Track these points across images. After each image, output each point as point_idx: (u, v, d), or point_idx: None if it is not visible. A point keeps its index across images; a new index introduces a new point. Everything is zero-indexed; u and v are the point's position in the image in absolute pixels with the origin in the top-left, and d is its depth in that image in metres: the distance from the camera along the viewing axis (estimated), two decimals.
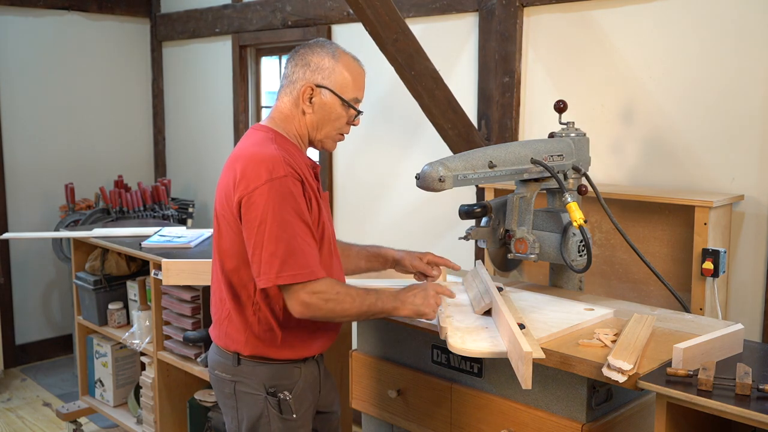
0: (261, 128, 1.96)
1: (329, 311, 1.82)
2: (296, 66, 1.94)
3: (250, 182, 1.79)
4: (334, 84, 1.92)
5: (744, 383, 1.52)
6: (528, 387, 1.63)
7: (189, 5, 4.97)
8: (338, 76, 1.92)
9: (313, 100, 1.92)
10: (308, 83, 1.91)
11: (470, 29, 3.31)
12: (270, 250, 1.76)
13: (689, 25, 2.65)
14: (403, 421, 2.24)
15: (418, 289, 1.93)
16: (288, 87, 1.96)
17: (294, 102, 1.94)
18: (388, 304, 1.88)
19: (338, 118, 1.95)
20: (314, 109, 1.93)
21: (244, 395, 1.96)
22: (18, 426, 3.99)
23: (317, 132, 1.96)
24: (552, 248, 2.26)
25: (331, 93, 1.92)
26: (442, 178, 1.98)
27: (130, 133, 5.32)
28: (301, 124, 1.95)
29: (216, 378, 2.03)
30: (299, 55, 1.95)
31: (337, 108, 1.94)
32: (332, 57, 1.93)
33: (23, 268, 4.86)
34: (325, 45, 1.96)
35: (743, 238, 2.57)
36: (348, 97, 1.94)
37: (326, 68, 1.92)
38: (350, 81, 1.94)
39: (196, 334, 3.00)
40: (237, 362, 1.96)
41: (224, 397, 2.02)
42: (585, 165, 2.35)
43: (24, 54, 4.78)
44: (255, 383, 1.95)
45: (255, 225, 1.78)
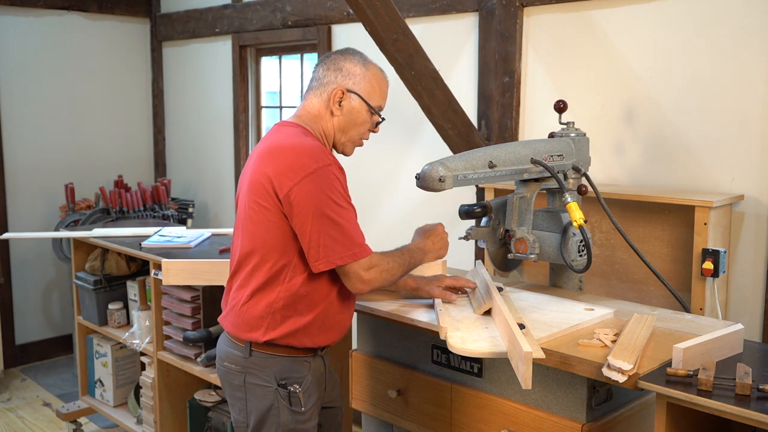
0: (290, 124, 2.03)
1: (384, 281, 1.97)
2: (328, 70, 2.04)
3: (298, 172, 1.87)
4: (362, 90, 2.03)
5: (744, 383, 1.52)
6: (528, 387, 1.63)
7: (189, 5, 4.97)
8: (367, 84, 2.03)
9: (343, 104, 2.02)
10: (340, 87, 2.02)
11: (470, 29, 3.31)
12: (329, 233, 1.87)
13: (689, 25, 2.65)
14: (403, 421, 2.24)
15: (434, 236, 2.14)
16: (318, 89, 2.05)
17: (324, 103, 2.04)
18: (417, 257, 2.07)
19: (363, 123, 2.06)
20: (342, 112, 2.03)
21: (254, 387, 2.00)
22: (18, 426, 3.99)
23: (342, 135, 2.06)
24: (552, 248, 2.26)
25: (360, 99, 2.03)
26: (442, 178, 1.98)
27: (130, 133, 5.32)
28: (329, 125, 2.05)
29: (225, 370, 2.06)
30: (331, 60, 2.05)
31: (363, 113, 2.04)
32: (363, 65, 2.04)
33: (23, 268, 4.86)
34: (356, 53, 2.07)
35: (743, 238, 2.57)
36: (374, 104, 2.05)
37: (357, 75, 2.03)
38: (377, 89, 2.06)
39: (196, 334, 3.00)
40: (249, 353, 1.99)
41: (233, 389, 2.05)
42: (585, 165, 2.35)
43: (24, 54, 4.78)
44: (266, 375, 1.99)
45: (310, 212, 1.87)
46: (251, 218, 1.98)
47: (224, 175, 4.81)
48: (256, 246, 1.97)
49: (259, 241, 1.96)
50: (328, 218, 1.87)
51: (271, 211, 1.92)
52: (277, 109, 4.64)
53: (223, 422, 3.04)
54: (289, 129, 2.01)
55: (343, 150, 2.12)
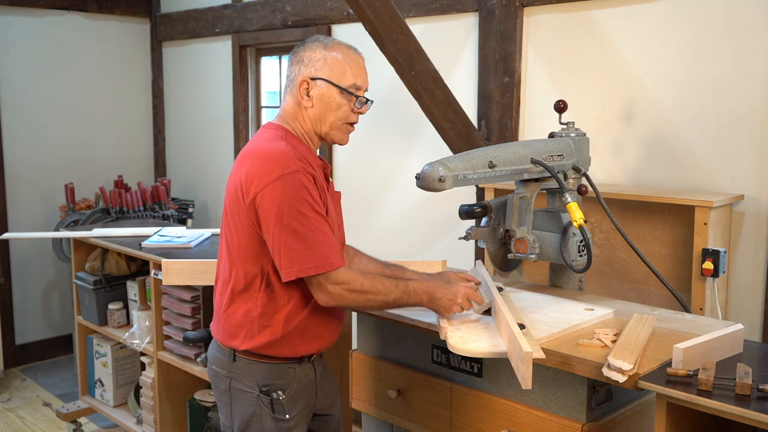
0: (271, 126, 2.00)
1: (353, 301, 1.87)
2: (292, 65, 1.99)
3: (263, 178, 1.82)
4: (328, 74, 1.93)
5: (744, 383, 1.52)
6: (528, 387, 1.63)
7: (189, 5, 4.97)
8: (332, 65, 1.93)
9: (311, 93, 1.95)
10: (303, 77, 1.94)
11: (470, 29, 3.31)
12: (289, 244, 1.80)
13: (689, 25, 2.65)
14: (403, 421, 2.24)
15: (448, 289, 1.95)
16: (289, 86, 2.00)
17: (295, 99, 1.98)
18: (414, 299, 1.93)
19: (339, 107, 1.95)
20: (314, 102, 1.95)
21: (238, 392, 1.98)
22: (18, 426, 3.99)
23: (321, 125, 1.98)
24: (552, 248, 2.26)
25: (327, 83, 1.93)
26: (442, 178, 1.98)
27: (130, 133, 5.32)
28: (305, 120, 1.98)
29: (213, 373, 2.05)
30: (294, 53, 2.00)
31: (336, 97, 1.94)
32: (324, 48, 1.95)
33: (23, 268, 4.86)
34: (318, 39, 1.99)
35: (743, 238, 2.57)
36: (345, 84, 1.94)
37: (318, 59, 1.94)
38: (346, 68, 1.94)
39: (196, 334, 3.00)
40: (233, 358, 1.97)
41: (220, 393, 2.04)
42: (585, 165, 2.35)
43: (24, 54, 4.78)
44: (249, 381, 1.96)
45: (272, 220, 1.81)
46: (227, 224, 1.95)
47: (224, 175, 4.81)
48: (232, 253, 1.94)
49: (234, 248, 1.93)
50: (290, 228, 1.80)
51: (242, 218, 1.89)
52: (277, 109, 4.62)
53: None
54: (269, 132, 1.97)
55: (332, 140, 2.01)
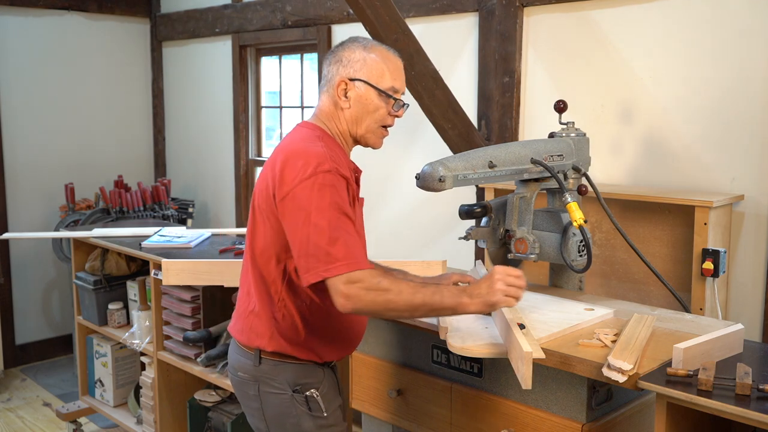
0: (308, 125, 1.93)
1: (371, 302, 1.70)
2: (330, 65, 1.93)
3: (294, 176, 1.76)
4: (367, 75, 1.88)
5: (744, 383, 1.52)
6: (528, 387, 1.63)
7: (189, 5, 4.97)
8: (371, 67, 1.89)
9: (349, 94, 1.89)
10: (342, 78, 1.89)
11: (470, 29, 3.31)
12: (316, 243, 1.71)
13: (689, 25, 2.65)
14: (403, 421, 2.24)
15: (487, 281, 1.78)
16: (325, 86, 1.95)
17: (332, 99, 1.92)
18: (450, 299, 1.74)
19: (376, 109, 1.90)
20: (351, 103, 1.90)
21: (269, 395, 1.90)
22: (18, 426, 3.99)
23: (357, 127, 1.92)
24: (552, 248, 2.26)
25: (366, 84, 1.88)
26: (442, 178, 1.98)
27: (130, 133, 5.32)
28: (342, 121, 1.92)
29: (238, 380, 1.96)
30: (332, 53, 1.94)
31: (374, 99, 1.89)
32: (363, 49, 1.90)
33: (23, 268, 4.86)
34: (357, 40, 1.94)
35: (743, 238, 2.57)
36: (384, 87, 1.89)
37: (358, 60, 1.89)
38: (385, 70, 1.90)
39: (196, 334, 3.00)
40: (258, 361, 1.90)
41: (248, 399, 1.95)
42: (585, 165, 2.35)
43: (24, 54, 4.78)
44: (279, 382, 1.89)
45: (300, 219, 1.74)
46: (255, 222, 1.90)
47: (224, 175, 4.81)
48: (258, 253, 1.89)
49: (260, 247, 1.88)
50: (317, 227, 1.71)
51: (271, 218, 1.83)
52: (277, 109, 4.64)
53: (223, 422, 3.04)
54: (304, 131, 1.90)
55: (366, 143, 1.96)
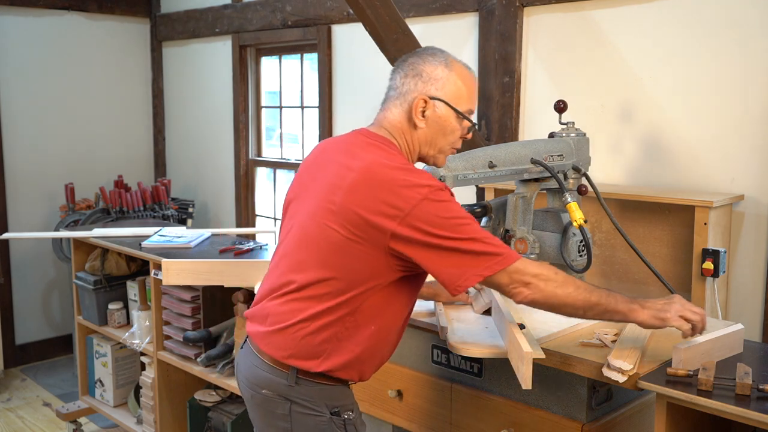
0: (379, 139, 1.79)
1: (551, 294, 1.66)
2: (407, 76, 1.80)
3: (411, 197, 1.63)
4: (448, 95, 1.78)
5: (744, 383, 1.52)
6: (528, 387, 1.63)
7: (189, 5, 4.97)
8: (452, 87, 1.78)
9: (426, 114, 1.78)
10: (421, 95, 1.77)
11: (470, 29, 3.31)
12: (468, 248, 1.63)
13: (689, 25, 2.65)
14: (403, 421, 2.24)
15: (665, 300, 1.75)
16: (398, 99, 1.81)
17: (405, 115, 1.79)
18: (622, 304, 1.71)
19: (453, 131, 1.81)
20: (427, 123, 1.78)
21: (303, 416, 1.75)
22: (18, 426, 3.99)
23: (430, 148, 1.82)
24: (552, 248, 2.26)
25: (446, 105, 1.78)
26: (442, 178, 1.98)
27: (130, 133, 5.32)
28: (413, 139, 1.81)
29: (263, 398, 1.79)
30: (409, 64, 1.82)
31: (452, 121, 1.79)
32: (445, 66, 1.80)
33: (23, 268, 4.86)
34: (436, 53, 1.83)
35: (743, 238, 2.57)
36: (462, 109, 1.80)
37: (440, 78, 1.78)
38: (464, 91, 1.80)
39: (196, 334, 3.00)
40: (295, 381, 1.74)
41: (274, 417, 1.79)
42: (585, 165, 2.35)
43: (24, 54, 4.78)
44: (316, 404, 1.75)
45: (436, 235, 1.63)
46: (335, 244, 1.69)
47: (224, 175, 4.81)
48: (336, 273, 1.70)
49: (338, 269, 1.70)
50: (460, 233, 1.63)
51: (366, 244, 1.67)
52: (277, 109, 4.64)
53: (223, 422, 3.04)
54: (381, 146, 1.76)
55: (435, 162, 1.86)
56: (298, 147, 4.47)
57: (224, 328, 3.09)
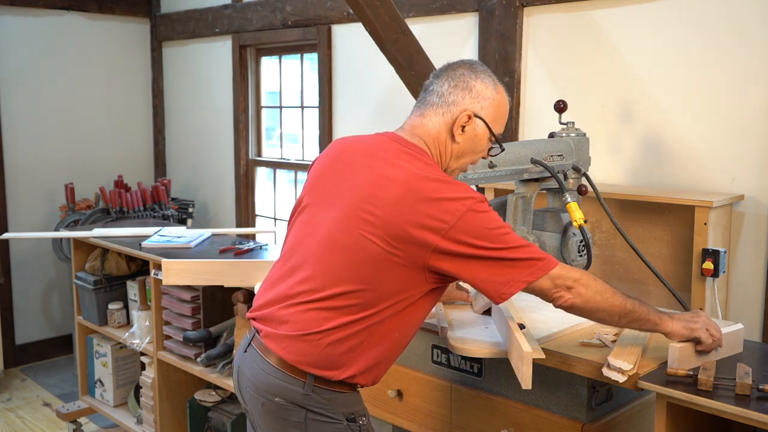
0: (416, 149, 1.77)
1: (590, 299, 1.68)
2: (456, 87, 1.80)
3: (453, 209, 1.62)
4: (489, 116, 1.80)
5: (744, 383, 1.52)
6: (528, 387, 1.63)
7: (189, 5, 4.97)
8: (494, 110, 1.81)
9: (466, 129, 1.78)
10: (467, 111, 1.78)
11: (470, 29, 3.32)
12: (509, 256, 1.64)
13: (689, 25, 2.65)
14: (403, 421, 2.24)
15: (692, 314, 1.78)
16: (441, 107, 1.80)
17: (446, 125, 1.79)
18: (654, 314, 1.74)
19: (482, 151, 1.84)
20: (464, 138, 1.79)
21: (319, 424, 1.73)
22: (18, 426, 3.99)
23: (456, 161, 1.83)
24: (552, 248, 2.26)
25: (485, 125, 1.79)
26: None
27: (130, 133, 5.32)
28: (447, 150, 1.81)
29: (276, 406, 1.75)
30: (460, 75, 1.81)
31: (484, 141, 1.81)
32: (494, 88, 1.81)
33: (23, 268, 4.86)
34: (487, 72, 1.84)
35: (743, 238, 2.57)
36: (496, 132, 1.82)
37: (487, 98, 1.79)
38: (501, 116, 1.83)
39: (196, 334, 3.00)
40: (312, 389, 1.71)
41: (288, 425, 1.76)
42: (585, 165, 2.35)
43: (24, 54, 4.78)
44: (332, 412, 1.73)
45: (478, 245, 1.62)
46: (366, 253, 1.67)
47: (224, 175, 4.81)
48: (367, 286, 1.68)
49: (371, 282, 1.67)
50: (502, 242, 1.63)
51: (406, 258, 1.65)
52: (277, 109, 4.64)
53: (223, 422, 3.04)
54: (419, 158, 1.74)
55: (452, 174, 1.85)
56: (298, 147, 4.47)
57: (224, 328, 3.09)
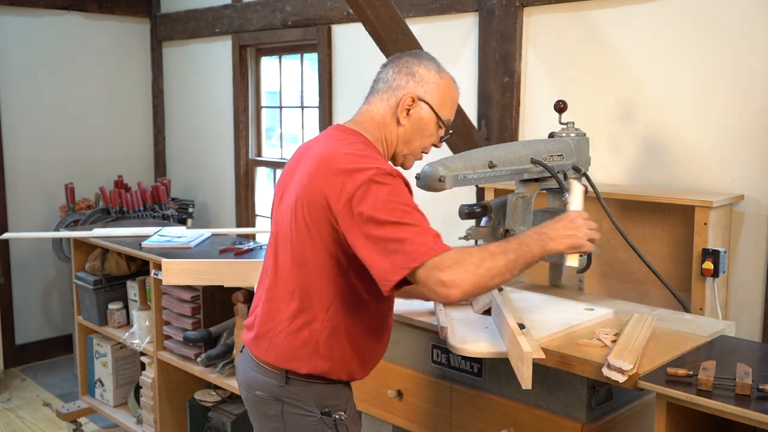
0: (349, 131, 1.83)
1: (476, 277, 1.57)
2: (399, 73, 1.85)
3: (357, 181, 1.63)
4: (434, 100, 1.84)
5: (744, 383, 1.52)
6: (528, 387, 1.63)
7: (189, 5, 4.97)
8: (439, 93, 1.85)
9: (411, 113, 1.83)
10: (410, 94, 1.82)
11: (470, 29, 3.31)
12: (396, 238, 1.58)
13: (689, 25, 2.65)
14: (403, 421, 2.24)
15: (563, 221, 1.77)
16: (386, 92, 1.85)
17: (390, 110, 1.84)
18: (536, 246, 1.70)
19: (429, 136, 1.87)
20: (409, 122, 1.83)
21: (294, 416, 1.78)
22: (18, 426, 3.99)
23: (405, 146, 1.87)
24: None
25: (430, 109, 1.84)
26: (442, 178, 1.98)
27: (130, 133, 5.32)
28: (392, 134, 1.85)
29: (257, 399, 1.84)
30: (404, 62, 1.86)
31: (431, 125, 1.85)
32: (437, 73, 1.86)
33: (23, 268, 4.86)
34: (431, 59, 1.89)
35: (743, 238, 2.57)
36: (443, 116, 1.86)
37: (431, 82, 1.84)
38: (448, 100, 1.87)
39: (196, 334, 3.00)
40: (285, 381, 1.77)
41: (267, 419, 1.83)
42: (585, 165, 2.35)
43: (24, 54, 4.78)
44: (306, 404, 1.78)
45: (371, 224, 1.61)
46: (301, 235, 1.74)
47: (224, 175, 4.81)
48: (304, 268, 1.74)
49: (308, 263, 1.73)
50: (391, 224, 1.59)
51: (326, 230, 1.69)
52: (277, 109, 4.64)
53: (223, 422, 3.04)
54: (350, 138, 1.79)
55: (403, 163, 1.91)
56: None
57: (224, 328, 3.09)
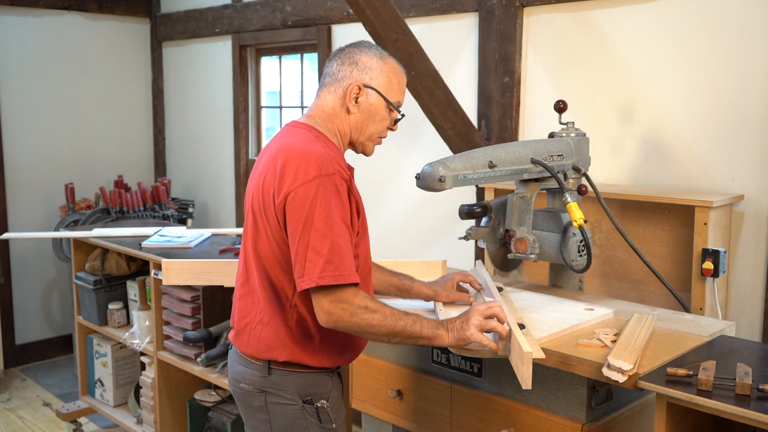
0: (302, 126, 1.88)
1: (354, 324, 1.71)
2: (342, 64, 1.90)
3: (297, 178, 1.72)
4: (380, 85, 1.88)
5: (744, 383, 1.52)
6: (528, 387, 1.63)
7: (189, 5, 4.97)
8: (385, 78, 1.89)
9: (360, 100, 1.88)
10: (356, 82, 1.87)
11: (470, 29, 3.31)
12: (316, 248, 1.69)
13: (689, 25, 2.65)
14: (403, 421, 2.24)
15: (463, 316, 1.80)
16: (332, 85, 1.90)
17: (339, 100, 1.89)
18: (428, 330, 1.76)
19: (382, 120, 1.91)
20: (360, 109, 1.88)
21: (277, 406, 1.85)
22: (18, 426, 3.99)
23: (360, 134, 1.92)
24: (552, 248, 2.26)
25: (378, 94, 1.88)
26: (442, 178, 1.98)
27: (130, 133, 5.32)
28: (345, 124, 1.90)
29: (242, 392, 1.91)
30: (346, 53, 1.91)
31: (382, 110, 1.90)
32: (380, 58, 1.90)
33: (23, 268, 4.86)
34: (371, 46, 1.94)
35: (743, 238, 2.57)
36: (393, 100, 1.91)
37: (374, 68, 1.88)
38: (395, 84, 1.91)
39: (196, 334, 3.00)
40: (268, 371, 1.85)
41: (253, 410, 1.90)
42: (585, 165, 2.35)
43: (24, 54, 4.78)
44: (288, 393, 1.85)
45: (301, 222, 1.71)
46: (255, 227, 1.85)
47: (224, 175, 4.81)
48: (262, 259, 1.83)
49: (265, 254, 1.83)
50: (318, 231, 1.69)
51: (273, 222, 1.79)
52: (277, 109, 4.64)
53: (223, 422, 3.04)
54: (301, 132, 1.85)
55: (363, 150, 1.96)
56: None
57: (224, 328, 3.09)
